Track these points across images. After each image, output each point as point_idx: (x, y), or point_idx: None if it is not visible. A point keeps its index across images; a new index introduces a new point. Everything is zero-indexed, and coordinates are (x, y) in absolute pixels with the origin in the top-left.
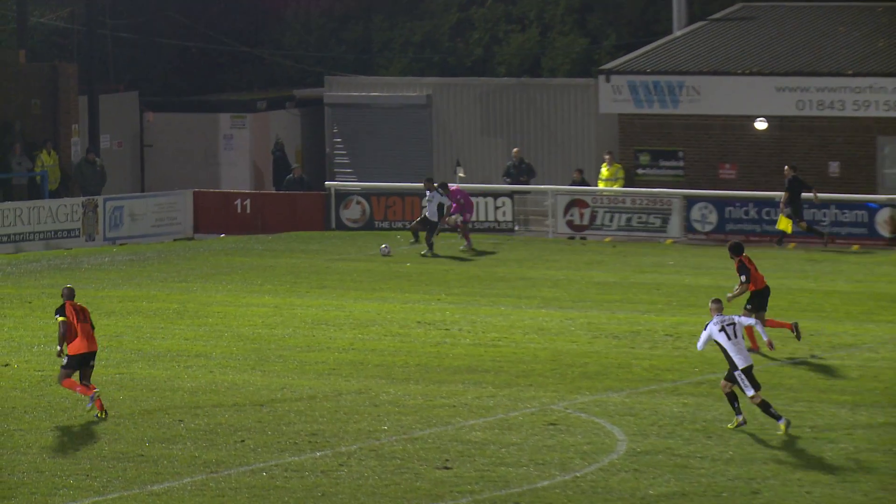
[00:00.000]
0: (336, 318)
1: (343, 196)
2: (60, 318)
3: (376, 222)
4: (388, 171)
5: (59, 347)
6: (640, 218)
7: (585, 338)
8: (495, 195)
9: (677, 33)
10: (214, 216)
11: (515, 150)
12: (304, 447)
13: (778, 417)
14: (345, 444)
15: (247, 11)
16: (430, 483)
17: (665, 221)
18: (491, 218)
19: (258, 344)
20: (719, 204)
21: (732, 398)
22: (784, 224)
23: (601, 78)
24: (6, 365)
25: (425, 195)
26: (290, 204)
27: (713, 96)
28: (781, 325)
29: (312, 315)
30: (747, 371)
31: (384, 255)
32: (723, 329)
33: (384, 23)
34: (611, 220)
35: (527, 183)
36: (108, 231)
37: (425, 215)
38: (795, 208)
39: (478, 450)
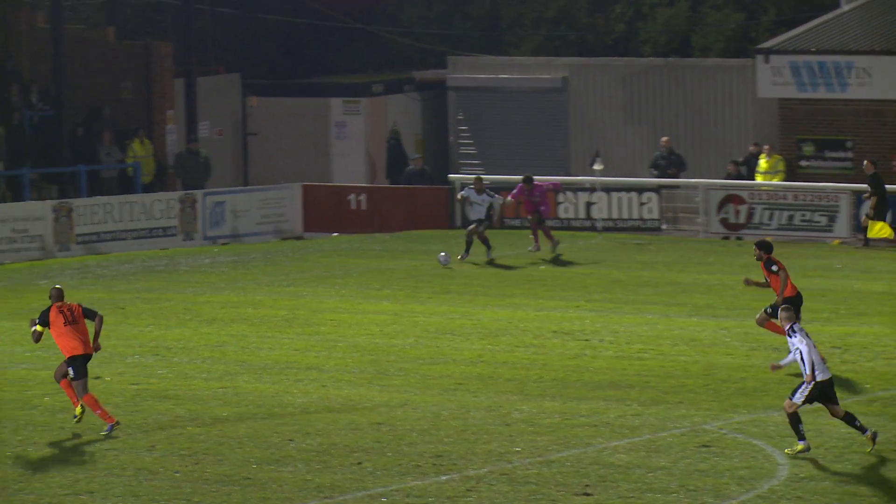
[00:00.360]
0: (462, 326)
1: None
2: (38, 328)
3: (506, 219)
4: (518, 162)
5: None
6: (803, 216)
7: (742, 350)
8: (640, 190)
9: (845, 7)
10: (326, 213)
11: (665, 139)
12: (427, 470)
13: (801, 436)
14: (473, 468)
15: None
16: None
17: (831, 220)
18: (635, 216)
19: (376, 355)
20: (893, 201)
21: (796, 420)
22: (880, 229)
23: (759, 58)
24: (97, 378)
25: (473, 196)
26: (410, 199)
27: (887, 79)
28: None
29: (436, 323)
30: (827, 386)
31: (443, 265)
32: (810, 340)
33: None
34: (770, 218)
35: (676, 176)
36: (208, 229)
37: (473, 216)
38: (881, 208)
39: (621, 474)
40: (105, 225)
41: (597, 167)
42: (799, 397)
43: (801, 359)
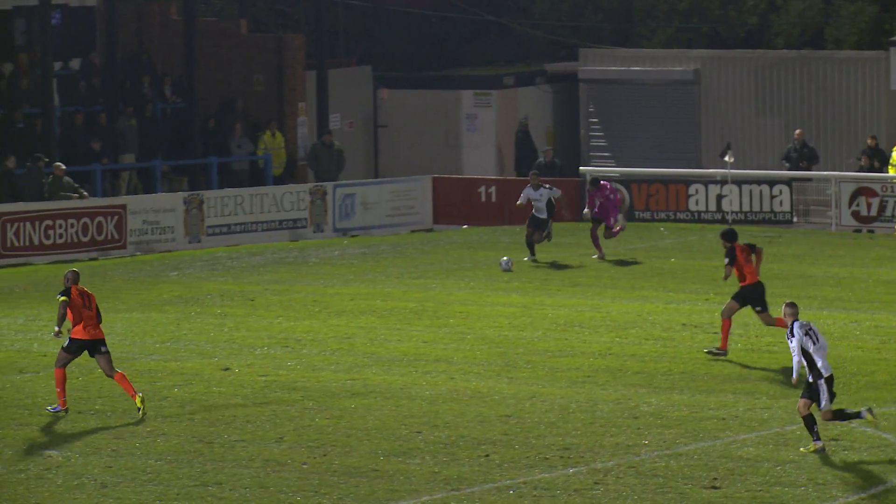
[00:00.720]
0: (591, 319)
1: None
2: (62, 298)
3: (637, 212)
4: (650, 155)
5: (56, 328)
6: None
7: (873, 343)
8: (771, 182)
9: None
10: (456, 205)
11: (798, 132)
12: (555, 463)
13: (856, 415)
14: (601, 460)
15: None
16: None
17: None
18: (766, 208)
19: (504, 348)
20: None
21: (811, 422)
22: None
23: (893, 50)
24: (226, 369)
25: (531, 194)
26: None
27: None
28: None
29: (565, 316)
30: (830, 381)
31: (504, 271)
32: (808, 334)
33: None
34: None
35: (808, 169)
36: (338, 221)
37: (534, 215)
38: None
39: (750, 467)
40: (235, 217)
41: (728, 159)
42: (825, 402)
43: (795, 363)
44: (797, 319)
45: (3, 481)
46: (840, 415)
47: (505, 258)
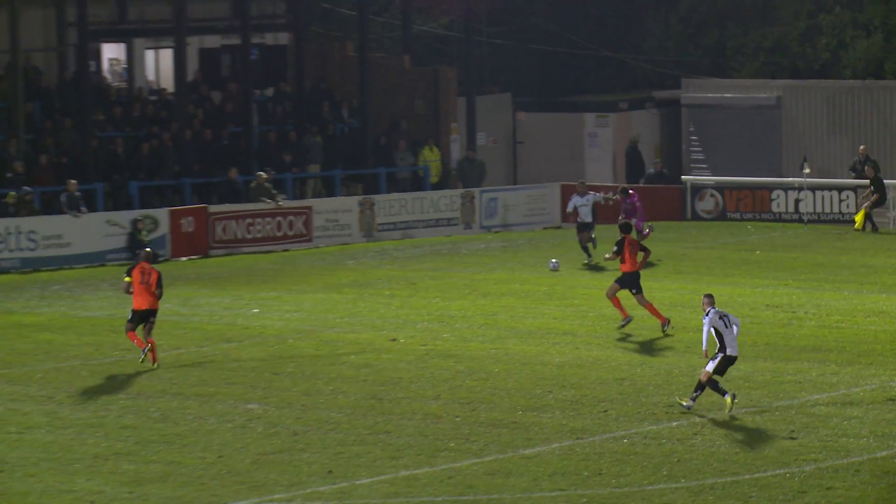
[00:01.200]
0: (691, 300)
1: (698, 189)
2: (126, 279)
3: (728, 213)
4: (739, 166)
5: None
6: None
7: None
8: (840, 189)
9: None
10: None
11: (862, 147)
12: (661, 417)
13: (722, 393)
14: (698, 415)
15: (610, 18)
16: (777, 451)
17: None
18: (836, 210)
19: (617, 323)
20: None
21: (714, 385)
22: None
23: None
24: (394, 340)
25: (578, 200)
26: (651, 196)
27: None
28: (657, 315)
29: (670, 297)
30: (731, 360)
31: (552, 270)
32: (721, 318)
33: (737, 29)
34: None
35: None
36: (483, 220)
37: (581, 220)
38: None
39: (821, 422)
40: (400, 216)
41: (805, 171)
42: (710, 366)
43: (704, 336)
44: (713, 307)
45: (215, 430)
46: (713, 384)
47: (553, 260)
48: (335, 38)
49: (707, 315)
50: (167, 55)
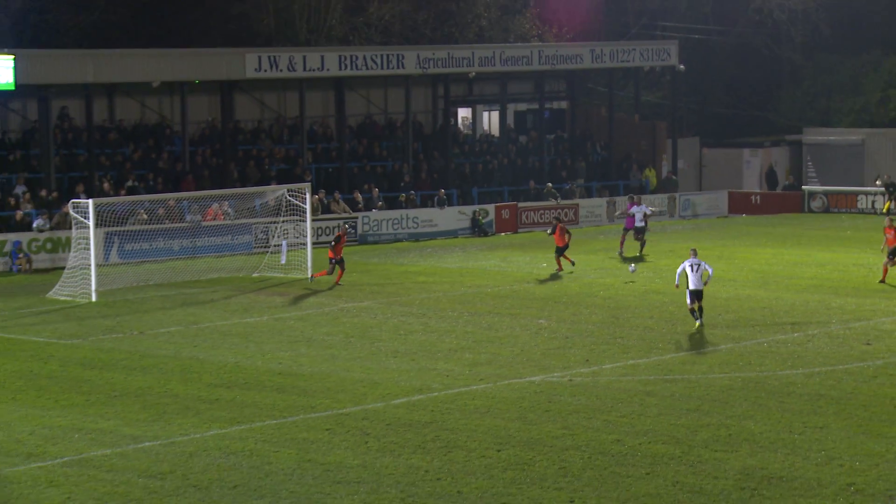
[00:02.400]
0: (805, 261)
1: (812, 194)
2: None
3: (830, 209)
4: (838, 180)
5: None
6: None
7: None
8: None
9: None
10: (739, 206)
11: (886, 175)
12: (788, 330)
13: (696, 318)
14: (811, 329)
15: (759, 88)
16: (859, 353)
17: None
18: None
19: (762, 274)
20: None
21: (692, 312)
22: None
23: None
24: (630, 282)
25: (634, 208)
26: (783, 198)
27: None
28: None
29: (794, 258)
30: (696, 293)
31: (632, 272)
32: (692, 266)
33: (838, 96)
34: None
35: None
36: (680, 212)
37: (635, 225)
38: None
39: (887, 335)
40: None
41: (878, 182)
42: (687, 299)
43: (677, 274)
44: (696, 258)
45: (518, 335)
46: (692, 311)
47: (631, 265)
48: (594, 104)
49: (685, 262)
50: (495, 114)
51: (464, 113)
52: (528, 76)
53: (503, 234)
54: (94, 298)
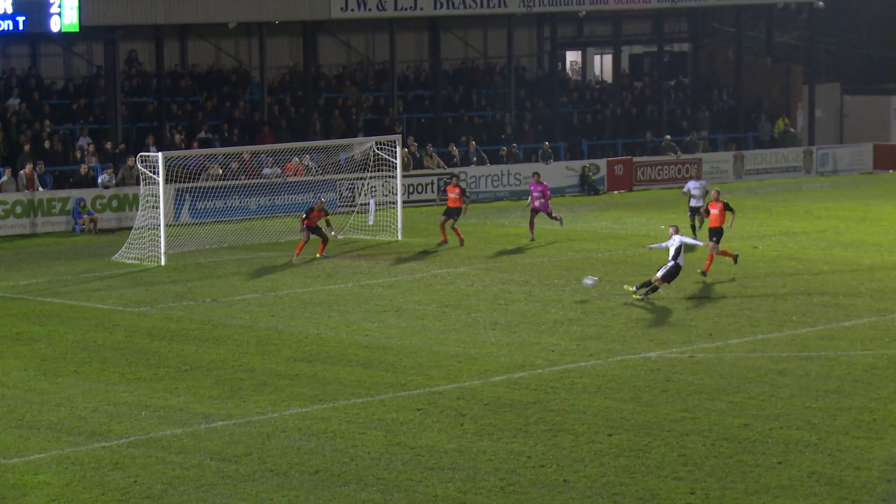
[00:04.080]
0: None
1: None
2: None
3: None
4: None
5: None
6: None
7: None
8: None
9: None
10: (885, 159)
11: None
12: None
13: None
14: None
15: None
16: None
17: None
18: None
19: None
20: None
21: (648, 284)
22: None
23: None
24: (755, 247)
25: (693, 183)
26: None
27: None
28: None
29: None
30: (676, 269)
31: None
32: (679, 246)
33: None
34: None
35: None
36: (818, 167)
37: (690, 204)
38: None
39: None
40: (761, 165)
41: None
42: (661, 272)
43: (669, 246)
44: (678, 234)
45: (634, 305)
46: (649, 284)
47: (590, 279)
48: (720, 46)
49: (673, 235)
50: (608, 58)
51: (573, 57)
52: (645, 14)
53: (616, 192)
54: (163, 262)
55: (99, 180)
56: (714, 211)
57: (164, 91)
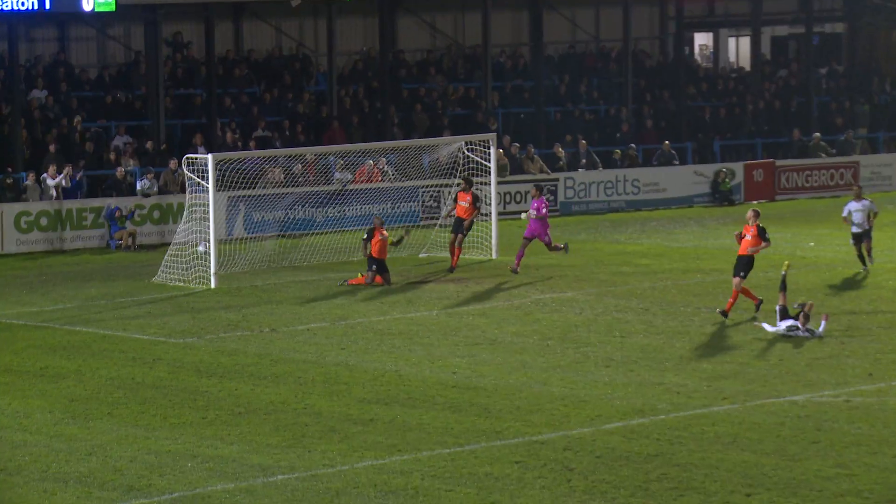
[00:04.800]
0: None
1: None
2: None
3: None
4: None
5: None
6: None
7: None
8: None
9: None
10: None
11: None
12: None
13: None
14: None
15: None
16: None
17: None
18: None
19: None
20: None
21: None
22: None
23: None
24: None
25: (854, 204)
26: None
27: None
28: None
29: None
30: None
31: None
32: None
33: None
34: None
35: None
36: None
37: (855, 230)
38: None
39: None
40: None
41: None
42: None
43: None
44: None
45: (774, 340)
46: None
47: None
48: (882, 26)
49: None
50: (745, 41)
51: (702, 40)
52: None
53: (755, 202)
54: (213, 284)
55: (138, 187)
56: (747, 237)
57: (215, 81)
